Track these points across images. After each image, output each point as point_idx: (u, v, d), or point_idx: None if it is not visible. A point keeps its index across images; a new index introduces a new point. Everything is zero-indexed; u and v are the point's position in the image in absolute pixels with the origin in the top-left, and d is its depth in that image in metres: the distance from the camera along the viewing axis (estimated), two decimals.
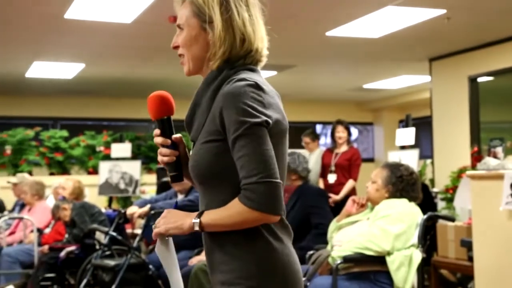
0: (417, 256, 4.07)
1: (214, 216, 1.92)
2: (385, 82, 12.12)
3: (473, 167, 7.68)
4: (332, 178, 8.06)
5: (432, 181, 9.68)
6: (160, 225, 2.03)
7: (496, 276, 5.26)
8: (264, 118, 1.88)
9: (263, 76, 2.08)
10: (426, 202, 4.48)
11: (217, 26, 1.98)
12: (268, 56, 2.10)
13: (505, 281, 5.16)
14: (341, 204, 7.29)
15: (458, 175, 8.55)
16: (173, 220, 2.01)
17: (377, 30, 7.88)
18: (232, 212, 1.88)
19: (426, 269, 4.34)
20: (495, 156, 5.96)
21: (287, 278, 1.95)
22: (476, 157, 8.34)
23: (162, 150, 2.08)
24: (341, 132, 8.18)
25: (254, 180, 1.83)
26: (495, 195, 5.13)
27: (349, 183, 7.94)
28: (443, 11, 7.10)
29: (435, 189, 9.20)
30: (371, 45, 8.72)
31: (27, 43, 8.62)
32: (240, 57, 2.02)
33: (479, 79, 9.20)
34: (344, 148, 8.16)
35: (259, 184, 1.83)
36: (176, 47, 2.11)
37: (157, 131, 2.10)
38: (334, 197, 7.77)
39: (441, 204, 8.83)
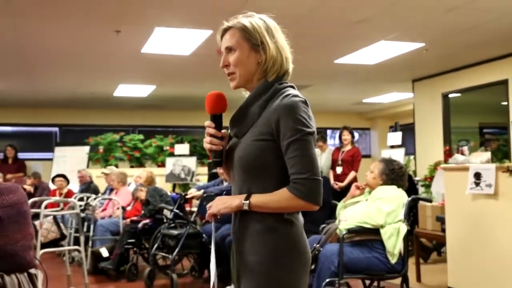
0: (403, 228, 4.03)
1: (262, 199, 1.84)
2: (379, 98, 12.04)
3: (446, 161, 7.59)
4: (339, 169, 8.02)
5: (415, 172, 9.61)
6: (213, 207, 1.96)
7: (462, 242, 5.19)
8: (313, 129, 1.83)
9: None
10: (410, 188, 4.44)
11: (269, 48, 1.89)
12: (291, 78, 2.04)
13: (468, 246, 5.10)
14: (345, 189, 7.28)
15: (434, 168, 8.47)
16: (222, 202, 1.93)
17: (373, 59, 7.83)
18: (281, 198, 1.81)
19: (410, 238, 4.31)
20: (462, 153, 5.90)
21: (302, 250, 1.89)
22: (448, 154, 8.26)
23: (214, 140, 1.94)
24: (346, 135, 8.13)
25: (304, 176, 1.77)
26: (462, 182, 5.08)
27: (351, 174, 7.90)
28: (422, 44, 7.05)
29: (417, 178, 9.12)
30: (368, 70, 8.67)
31: (115, 71, 8.73)
32: (283, 74, 1.94)
33: (450, 95, 9.11)
34: (348, 147, 8.11)
35: (308, 180, 1.77)
36: (226, 66, 1.96)
37: (210, 123, 1.95)
38: (340, 184, 7.75)
39: (421, 189, 8.75)
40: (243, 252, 1.92)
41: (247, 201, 1.85)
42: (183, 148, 10.61)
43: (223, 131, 1.97)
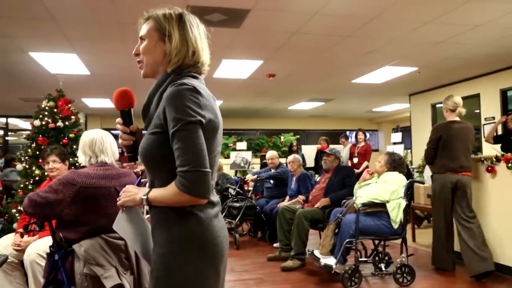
0: (403, 203, 4.00)
1: (156, 194, 1.35)
2: (384, 107, 11.83)
3: None
4: (355, 160, 7.95)
5: (411, 162, 9.42)
6: (122, 199, 1.44)
7: None
8: (199, 117, 1.30)
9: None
10: (408, 174, 4.38)
11: (175, 39, 1.41)
12: (319, 94, 1.95)
13: None
14: (360, 174, 7.21)
15: None
16: (129, 195, 1.43)
17: (380, 79, 7.73)
18: (169, 193, 1.31)
19: (408, 210, 4.25)
20: None
21: (204, 244, 1.35)
22: None
23: (123, 135, 1.50)
24: (360, 135, 8.05)
25: (186, 169, 1.27)
26: None
27: (364, 163, 7.81)
28: (416, 68, 6.92)
29: (413, 166, 8.94)
30: (376, 87, 8.55)
31: None
32: (189, 66, 1.44)
33: (437, 105, 8.90)
34: (362, 143, 8.02)
35: (190, 172, 1.27)
36: (137, 55, 1.49)
37: (119, 120, 1.52)
38: (356, 171, 7.66)
39: (416, 174, 8.57)
40: (153, 243, 1.42)
41: (146, 196, 1.38)
42: (242, 144, 10.71)
43: (132, 126, 1.53)
